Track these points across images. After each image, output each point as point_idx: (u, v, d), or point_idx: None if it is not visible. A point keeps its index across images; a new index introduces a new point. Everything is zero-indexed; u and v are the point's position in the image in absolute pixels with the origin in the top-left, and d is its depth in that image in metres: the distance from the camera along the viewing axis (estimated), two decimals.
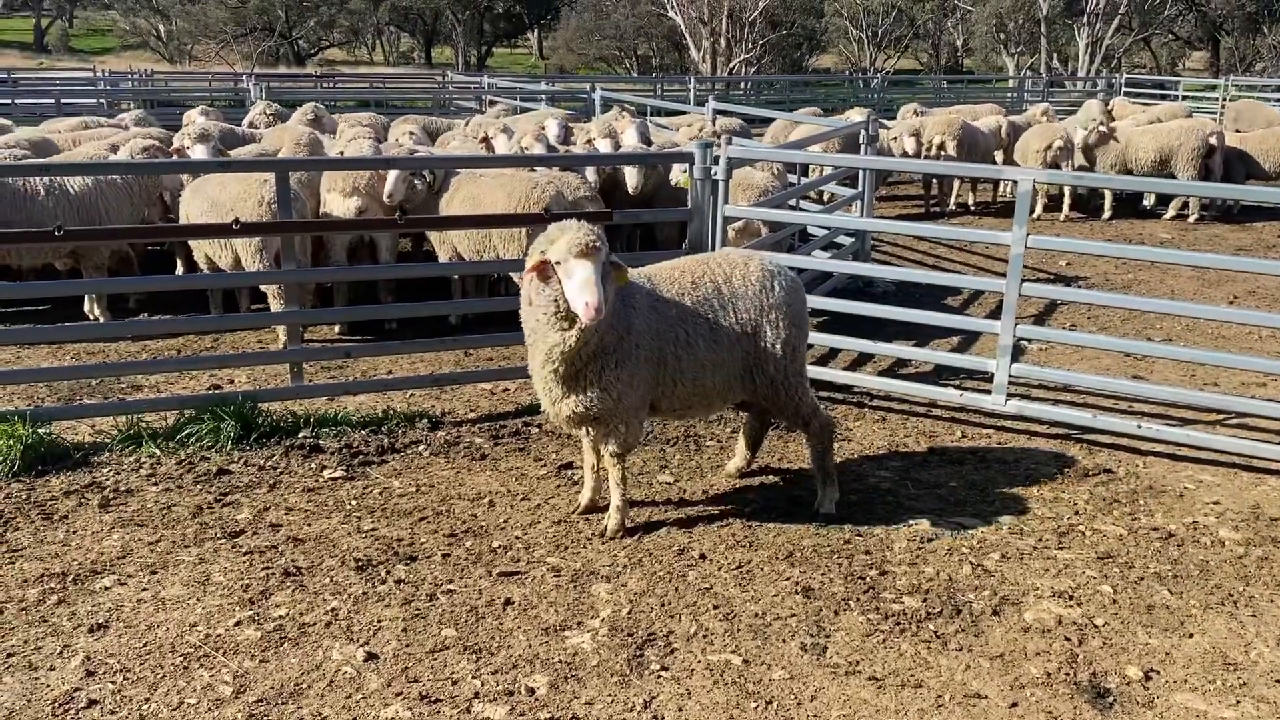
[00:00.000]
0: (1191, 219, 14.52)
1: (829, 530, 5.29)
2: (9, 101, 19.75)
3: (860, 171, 9.74)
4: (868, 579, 4.81)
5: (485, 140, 9.90)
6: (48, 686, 3.94)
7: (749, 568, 4.90)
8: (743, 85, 33.48)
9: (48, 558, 4.90)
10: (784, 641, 4.31)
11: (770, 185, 8.70)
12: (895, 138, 13.98)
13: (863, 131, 10.07)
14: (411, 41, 60.55)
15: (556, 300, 4.57)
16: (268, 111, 14.08)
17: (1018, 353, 6.65)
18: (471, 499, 5.62)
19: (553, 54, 53.80)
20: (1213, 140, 14.09)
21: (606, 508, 5.27)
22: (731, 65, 39.62)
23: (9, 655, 4.13)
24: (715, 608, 4.55)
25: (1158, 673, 4.14)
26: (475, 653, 4.20)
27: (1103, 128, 14.41)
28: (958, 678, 4.09)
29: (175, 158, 8.98)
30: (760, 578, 4.81)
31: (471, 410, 6.96)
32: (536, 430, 6.60)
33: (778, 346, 5.23)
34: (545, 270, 4.58)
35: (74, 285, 8.32)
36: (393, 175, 7.78)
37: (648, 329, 4.96)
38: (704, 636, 4.33)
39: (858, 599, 4.65)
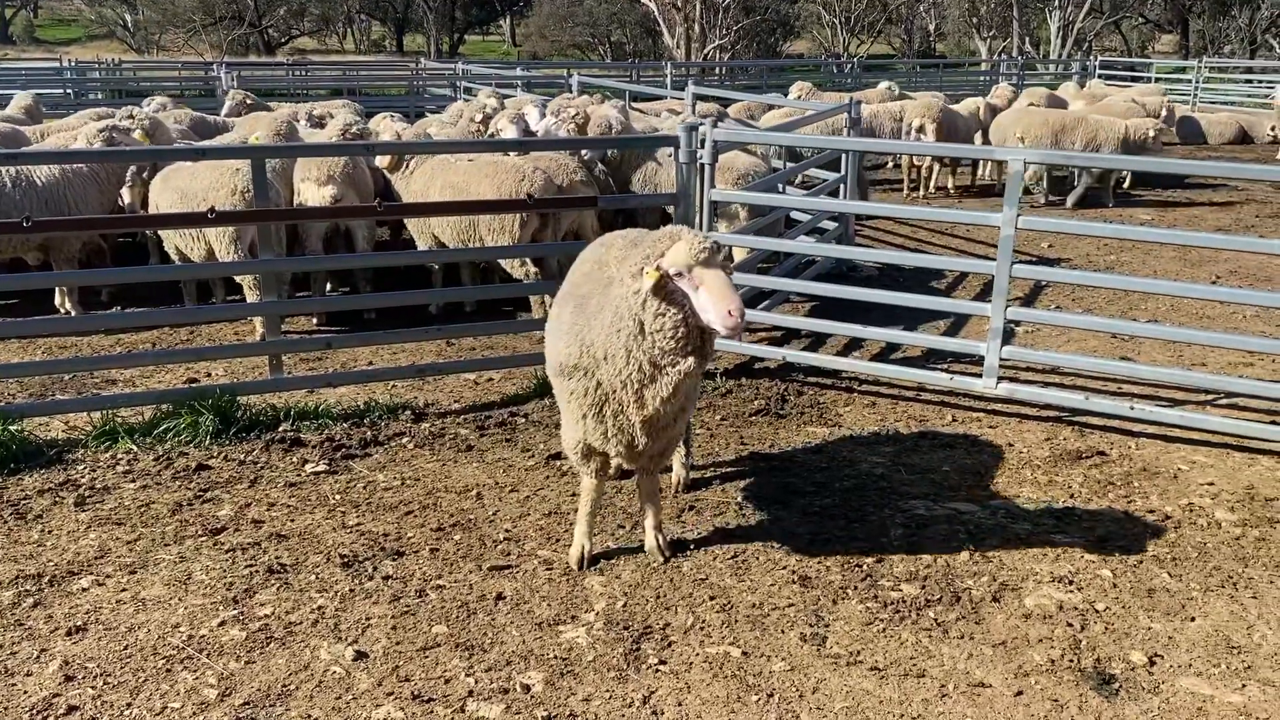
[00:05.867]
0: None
1: (823, 517, 5.21)
2: None
3: (843, 154, 9.65)
4: (864, 566, 4.74)
5: (483, 122, 9.69)
6: (25, 693, 3.80)
7: (744, 557, 4.81)
8: (717, 71, 33.31)
9: (22, 559, 4.74)
10: (783, 632, 4.23)
11: (753, 169, 8.60)
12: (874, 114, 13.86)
13: (845, 114, 9.98)
14: (383, 29, 59.96)
15: (687, 319, 3.90)
16: (248, 100, 13.85)
17: (1007, 335, 6.60)
18: (459, 492, 5.50)
19: (525, 41, 53.37)
20: None
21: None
22: (706, 51, 39.40)
23: None
24: (712, 598, 4.46)
25: (1161, 657, 4.09)
26: (468, 650, 4.09)
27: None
28: (960, 666, 4.03)
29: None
30: (756, 567, 4.73)
31: (455, 401, 6.84)
32: (523, 421, 6.48)
33: None
34: (666, 286, 3.91)
35: (42, 277, 8.11)
36: None
37: None
38: (701, 628, 4.25)
39: (855, 587, 4.57)
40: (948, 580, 4.64)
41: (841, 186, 9.71)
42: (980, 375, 6.51)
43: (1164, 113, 14.73)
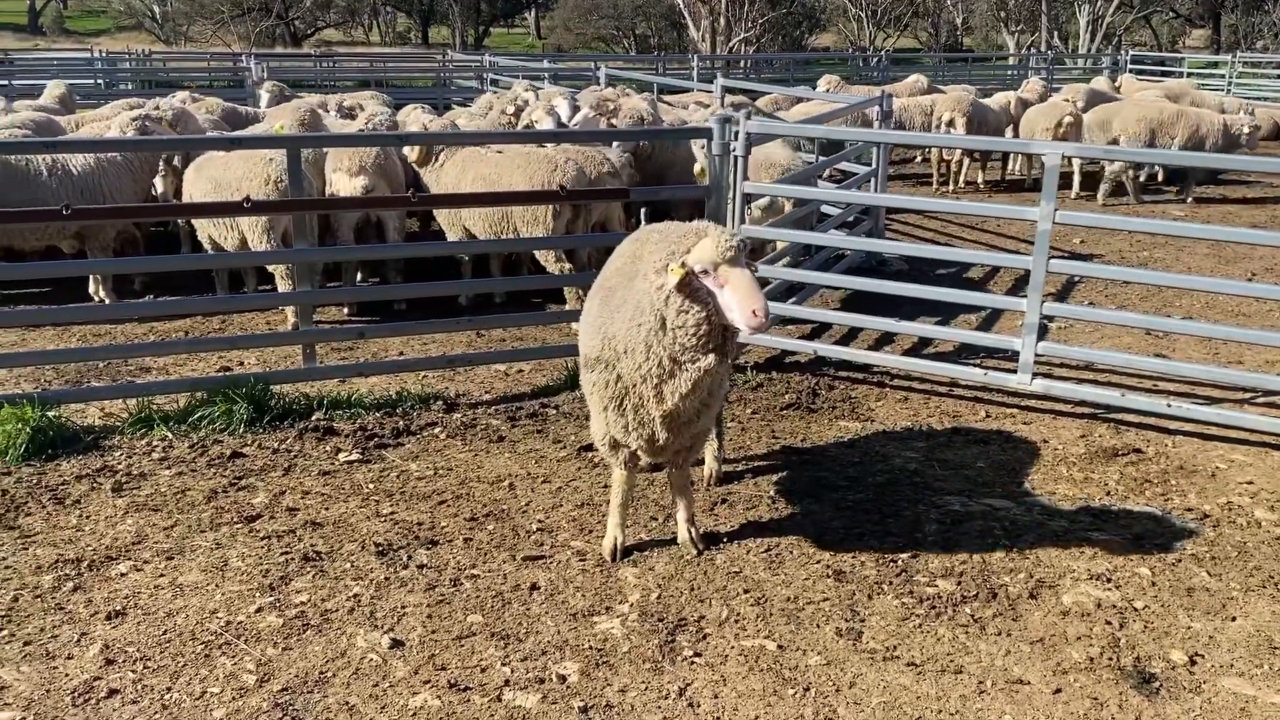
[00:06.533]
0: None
1: (857, 512, 5.18)
2: (6, 83, 19.51)
3: (874, 147, 9.58)
4: (899, 562, 4.71)
5: (515, 114, 9.69)
6: (66, 675, 3.84)
7: (777, 550, 4.80)
8: (742, 64, 33.21)
9: (61, 543, 4.79)
10: (818, 626, 4.21)
11: (793, 163, 8.57)
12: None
13: (876, 107, 9.92)
14: (408, 21, 60.06)
15: (710, 316, 3.87)
16: (285, 93, 13.95)
17: (1041, 331, 6.53)
18: (491, 482, 5.51)
19: (550, 33, 53.33)
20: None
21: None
22: (731, 44, 39.32)
23: (26, 644, 4.02)
24: (746, 592, 4.45)
25: (1202, 657, 4.05)
26: (503, 639, 4.10)
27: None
28: (998, 663, 4.00)
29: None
30: (790, 561, 4.71)
31: (486, 392, 6.85)
32: (554, 412, 6.48)
33: None
34: (691, 283, 3.89)
35: (78, 265, 8.18)
36: None
37: None
38: (736, 621, 4.24)
39: (890, 582, 4.55)
40: (984, 576, 4.61)
41: (872, 180, 9.66)
42: (1014, 371, 6.45)
43: (1243, 115, 14.58)
